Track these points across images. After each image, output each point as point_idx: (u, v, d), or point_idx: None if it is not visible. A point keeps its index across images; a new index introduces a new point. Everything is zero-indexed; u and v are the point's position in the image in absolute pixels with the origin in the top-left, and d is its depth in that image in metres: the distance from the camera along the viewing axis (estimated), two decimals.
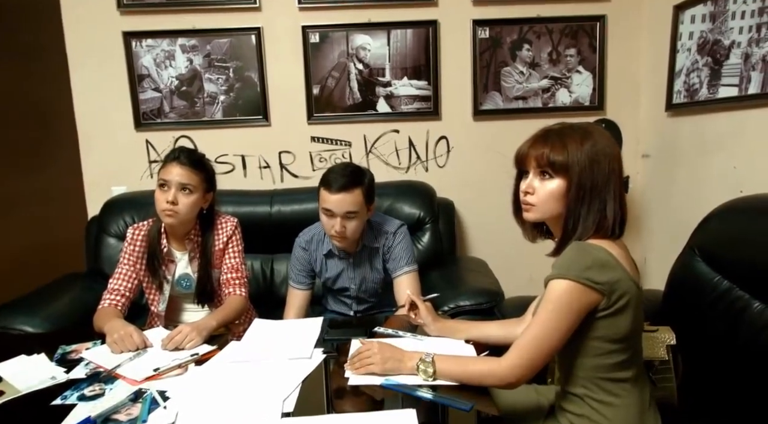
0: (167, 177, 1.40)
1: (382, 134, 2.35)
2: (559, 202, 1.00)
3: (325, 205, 1.51)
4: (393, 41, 2.27)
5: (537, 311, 0.98)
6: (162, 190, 1.41)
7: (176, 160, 1.42)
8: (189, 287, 1.53)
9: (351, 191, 1.50)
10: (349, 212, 1.50)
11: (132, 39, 2.22)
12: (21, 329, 1.61)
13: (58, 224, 2.47)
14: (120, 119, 2.28)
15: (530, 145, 1.04)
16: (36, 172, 2.48)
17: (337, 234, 1.52)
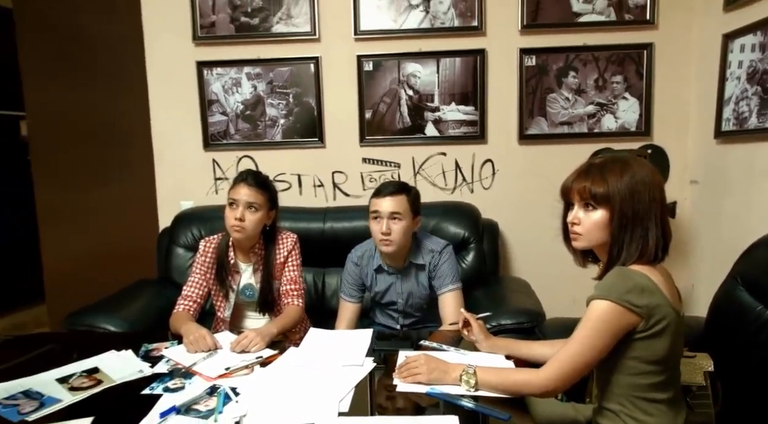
0: (236, 196, 1.57)
1: (429, 156, 2.46)
2: (604, 231, 1.08)
3: (373, 208, 1.68)
4: (442, 69, 2.39)
5: (577, 327, 1.06)
6: (231, 208, 1.58)
7: (244, 182, 1.59)
8: (252, 296, 1.69)
9: (396, 196, 1.66)
10: (394, 213, 1.64)
11: (204, 68, 2.44)
12: (105, 328, 1.80)
13: (132, 233, 2.72)
14: (190, 140, 2.51)
15: (574, 179, 1.12)
16: (115, 185, 2.76)
17: (384, 236, 1.64)
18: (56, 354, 1.53)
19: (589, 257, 1.20)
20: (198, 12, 2.40)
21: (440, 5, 2.34)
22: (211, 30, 2.41)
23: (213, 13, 2.40)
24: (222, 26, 2.41)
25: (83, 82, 2.70)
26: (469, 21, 2.34)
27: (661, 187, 1.09)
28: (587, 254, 1.19)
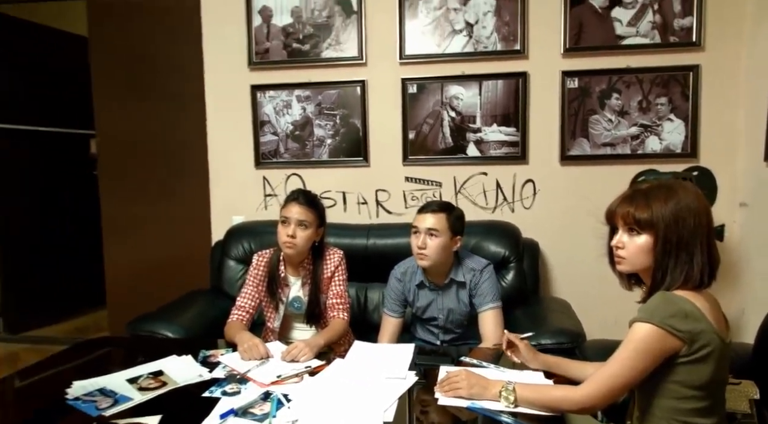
0: (288, 214, 1.68)
1: (471, 176, 2.52)
2: (648, 256, 1.11)
3: (413, 224, 1.76)
4: (484, 91, 2.45)
5: (618, 348, 1.09)
6: (284, 225, 1.69)
7: (295, 200, 1.70)
8: (300, 308, 1.79)
9: (437, 214, 1.73)
10: (431, 229, 1.71)
11: (257, 91, 2.60)
12: (164, 334, 1.94)
13: (186, 245, 2.89)
14: (243, 158, 2.66)
15: (618, 204, 1.16)
16: (172, 199, 2.94)
17: (419, 250, 1.71)
18: (124, 356, 1.67)
19: (634, 280, 1.22)
20: (254, 40, 2.56)
21: (483, 30, 2.41)
22: (265, 56, 2.57)
23: (267, 40, 2.56)
24: (275, 52, 2.56)
25: (147, 104, 2.91)
26: (511, 45, 2.40)
27: (708, 213, 1.10)
28: (632, 278, 1.21)
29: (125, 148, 2.99)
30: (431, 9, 2.43)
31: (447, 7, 2.42)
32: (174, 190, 2.94)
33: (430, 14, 2.43)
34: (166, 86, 2.87)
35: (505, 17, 2.39)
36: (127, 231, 3.03)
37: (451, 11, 2.42)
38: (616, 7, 2.32)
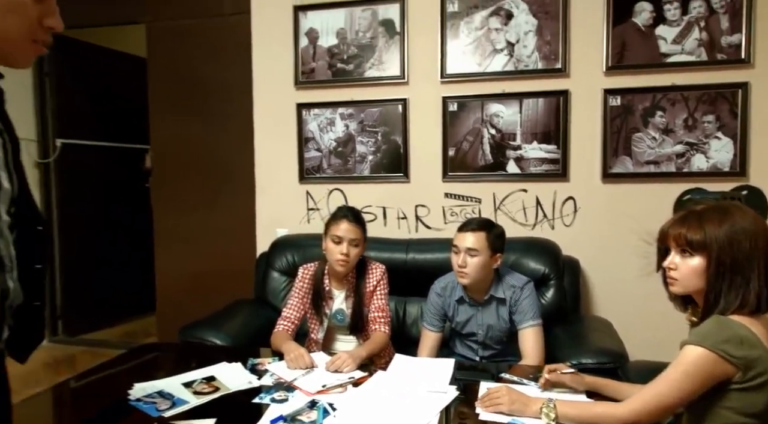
0: (341, 234, 1.75)
1: (510, 193, 2.54)
2: (700, 278, 1.10)
3: (454, 243, 1.79)
4: (525, 109, 2.47)
5: (667, 368, 1.08)
6: (335, 243, 1.75)
7: (345, 218, 1.76)
8: (342, 320, 1.85)
9: (477, 233, 1.76)
10: (470, 249, 1.74)
11: (303, 109, 2.71)
12: (212, 341, 2.03)
13: (232, 256, 3.01)
14: (288, 173, 2.77)
15: (671, 225, 1.16)
16: (220, 212, 3.07)
17: (460, 268, 1.74)
18: (177, 361, 1.77)
19: (689, 302, 1.20)
20: (300, 60, 2.68)
21: (524, 49, 2.44)
22: (310, 76, 2.68)
23: (313, 61, 2.67)
24: (320, 72, 2.67)
25: (198, 121, 3.07)
26: (552, 63, 2.42)
27: (766, 236, 1.08)
28: (687, 300, 1.20)
29: (177, 163, 3.15)
30: (472, 29, 2.48)
31: (488, 27, 2.47)
32: (221, 202, 3.08)
33: (471, 34, 2.49)
34: (217, 104, 3.03)
35: (546, 37, 2.41)
36: (176, 241, 3.19)
37: (492, 31, 2.46)
38: (660, 25, 2.31)
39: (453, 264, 1.79)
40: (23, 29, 0.81)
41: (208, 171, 3.10)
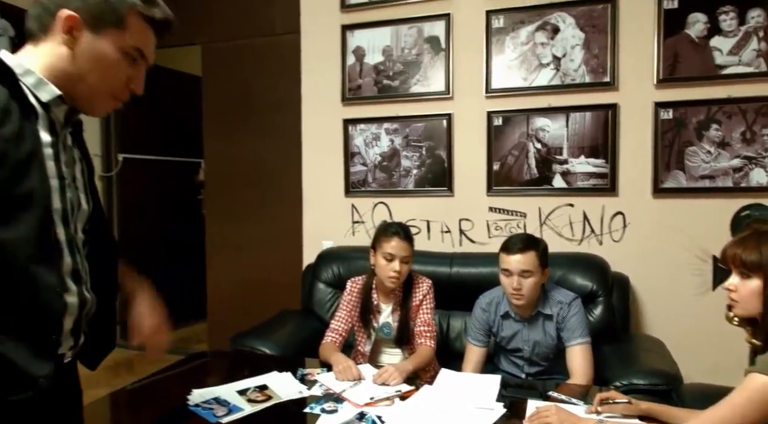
0: (394, 252, 1.78)
1: (556, 207, 2.51)
2: (759, 301, 1.08)
3: (503, 266, 1.76)
4: (571, 123, 2.45)
5: (731, 393, 1.06)
6: (387, 261, 1.79)
7: (397, 235, 1.80)
8: (389, 334, 1.88)
9: (526, 253, 1.73)
10: (525, 271, 1.72)
11: (349, 124, 2.78)
12: (262, 350, 2.10)
13: (279, 266, 3.11)
14: (334, 186, 2.84)
15: (730, 246, 1.14)
16: (268, 223, 3.18)
17: (515, 291, 1.73)
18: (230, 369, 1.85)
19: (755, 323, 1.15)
20: (347, 77, 2.76)
21: (571, 63, 2.43)
22: (357, 92, 2.75)
23: (360, 78, 2.74)
24: (367, 88, 2.73)
25: (249, 136, 3.21)
26: (600, 77, 2.39)
27: None
28: (753, 321, 1.16)
29: (228, 175, 3.29)
30: (518, 44, 2.49)
31: (534, 42, 2.47)
32: (270, 214, 3.19)
33: (517, 49, 2.49)
34: (267, 119, 3.15)
35: (593, 50, 2.39)
36: (227, 251, 3.32)
37: (538, 46, 2.46)
38: (715, 36, 2.25)
39: (505, 287, 1.77)
40: (113, 86, 0.91)
41: (257, 184, 3.22)
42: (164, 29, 0.94)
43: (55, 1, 0.85)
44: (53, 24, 0.85)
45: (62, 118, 0.90)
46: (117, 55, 0.88)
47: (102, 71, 0.88)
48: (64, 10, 0.84)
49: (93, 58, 0.87)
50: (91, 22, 0.86)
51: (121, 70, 0.90)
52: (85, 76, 0.87)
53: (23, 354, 0.79)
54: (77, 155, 0.96)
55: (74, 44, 0.86)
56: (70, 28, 0.85)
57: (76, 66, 0.86)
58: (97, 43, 0.87)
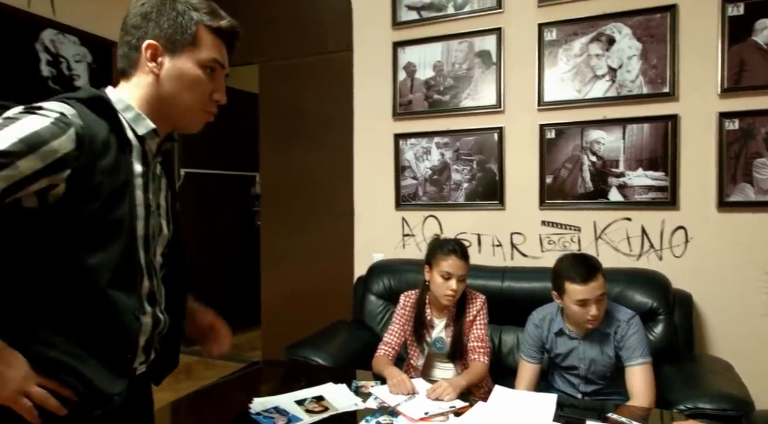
0: (450, 270, 1.79)
1: (612, 221, 2.44)
2: None
3: (579, 297, 1.68)
4: (628, 135, 2.39)
5: None
6: (444, 279, 1.80)
7: (455, 254, 1.80)
8: (442, 348, 1.89)
9: (596, 276, 1.68)
10: (602, 295, 1.68)
11: (400, 139, 2.82)
12: (316, 360, 2.15)
13: (331, 277, 3.18)
14: (385, 200, 2.88)
15: None
16: (321, 235, 3.26)
17: (594, 318, 1.69)
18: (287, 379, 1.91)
19: None
20: (398, 92, 2.81)
21: (628, 74, 2.37)
22: (408, 107, 2.80)
23: (411, 93, 2.78)
24: (417, 103, 2.77)
25: (303, 150, 3.31)
26: (659, 88, 2.32)
27: None
28: None
29: (283, 188, 3.41)
30: (571, 56, 2.46)
31: (588, 53, 2.43)
32: (322, 226, 3.27)
33: (570, 61, 2.46)
34: (320, 134, 3.25)
35: (651, 60, 2.33)
36: (280, 261, 3.43)
37: (593, 57, 2.42)
38: None
39: (579, 316, 1.71)
40: (201, 101, 0.98)
41: (310, 196, 3.32)
42: (232, 37, 1.00)
43: (136, 35, 0.93)
44: (138, 57, 0.93)
45: (155, 149, 0.97)
46: (197, 70, 0.95)
47: (188, 89, 0.95)
48: (145, 41, 0.92)
49: (177, 78, 0.94)
50: (168, 46, 0.93)
51: (203, 83, 0.96)
52: (175, 97, 0.95)
53: (100, 373, 0.84)
54: (164, 183, 1.04)
55: (160, 70, 0.93)
56: (153, 56, 0.92)
57: (165, 89, 0.94)
58: (178, 64, 0.94)
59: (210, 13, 0.96)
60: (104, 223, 0.83)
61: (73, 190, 0.78)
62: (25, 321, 0.78)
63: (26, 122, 0.75)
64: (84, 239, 0.81)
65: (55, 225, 0.79)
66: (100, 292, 0.83)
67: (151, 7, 0.93)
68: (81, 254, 0.81)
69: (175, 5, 0.93)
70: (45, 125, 0.75)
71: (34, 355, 0.77)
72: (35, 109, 0.78)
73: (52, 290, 0.80)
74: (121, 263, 0.86)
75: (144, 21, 0.93)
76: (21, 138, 0.72)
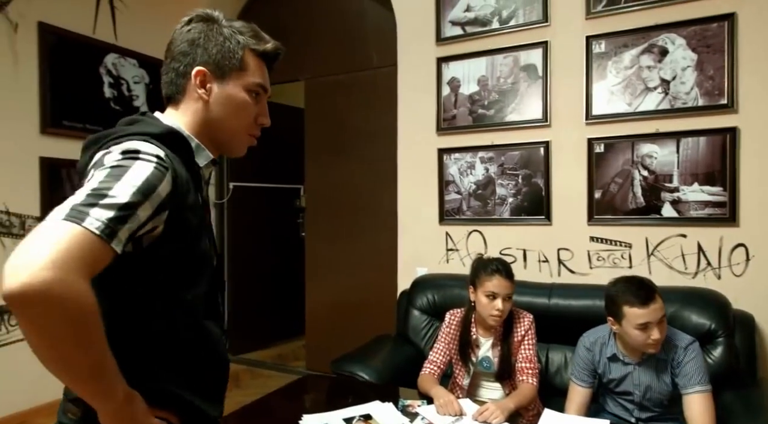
0: (496, 290, 1.78)
1: (666, 238, 2.36)
2: None
3: (641, 321, 1.61)
4: (683, 149, 2.31)
5: None
6: (490, 299, 1.79)
7: (499, 274, 1.79)
8: (489, 368, 1.87)
9: (655, 298, 1.63)
10: (663, 316, 1.63)
11: (444, 153, 2.83)
12: (361, 376, 2.17)
13: (374, 289, 3.21)
14: (428, 214, 2.89)
15: None
16: (364, 247, 3.30)
17: (656, 342, 1.62)
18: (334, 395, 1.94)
19: None
20: (442, 108, 2.81)
21: (682, 86, 2.29)
22: (452, 122, 2.80)
23: (455, 108, 2.79)
24: (461, 118, 2.77)
25: (346, 163, 3.37)
26: (716, 99, 2.23)
27: None
28: None
29: (327, 201, 3.47)
30: (621, 69, 2.40)
31: (639, 65, 2.37)
32: (365, 239, 3.31)
33: (620, 74, 2.40)
34: (364, 148, 3.30)
35: (708, 71, 2.24)
36: (324, 272, 3.49)
37: (644, 69, 2.36)
38: None
39: (639, 340, 1.65)
40: (247, 125, 0.98)
41: (353, 209, 3.37)
42: (275, 59, 1.00)
43: (184, 62, 0.93)
44: (187, 83, 0.93)
45: (207, 176, 1.00)
46: (244, 94, 0.95)
47: (235, 113, 0.95)
48: (194, 67, 0.92)
49: (225, 103, 0.94)
50: (217, 71, 0.92)
51: (249, 107, 0.96)
52: (224, 122, 0.95)
53: (204, 399, 0.89)
54: None
55: (209, 96, 0.93)
56: (203, 83, 0.92)
57: (214, 115, 0.94)
58: (226, 89, 0.93)
59: (255, 36, 0.96)
60: (194, 258, 0.86)
61: (168, 230, 0.79)
62: (139, 362, 0.81)
63: (136, 170, 0.74)
64: (180, 276, 0.84)
65: (153, 266, 0.80)
66: (199, 324, 0.87)
67: (199, 33, 0.93)
68: (180, 290, 0.84)
69: (222, 30, 0.93)
70: (151, 171, 0.75)
71: (149, 390, 0.80)
72: (136, 154, 0.77)
73: (160, 328, 0.83)
74: (208, 293, 0.89)
75: (192, 47, 0.92)
76: (137, 187, 0.72)
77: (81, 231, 0.65)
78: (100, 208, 0.68)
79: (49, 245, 0.63)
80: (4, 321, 2.66)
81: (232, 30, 0.94)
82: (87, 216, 0.66)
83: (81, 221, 0.65)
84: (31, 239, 0.64)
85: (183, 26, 0.95)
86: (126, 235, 0.70)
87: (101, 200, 0.68)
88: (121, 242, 0.69)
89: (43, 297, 0.60)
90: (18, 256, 0.62)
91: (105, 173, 0.73)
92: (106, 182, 0.71)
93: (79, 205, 0.67)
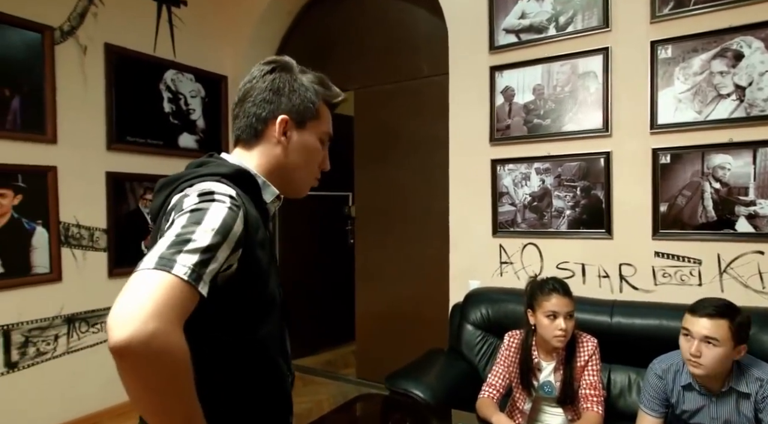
0: (556, 309, 1.74)
1: (740, 255, 2.21)
2: None
3: (685, 325, 1.59)
4: (760, 160, 2.15)
5: None
6: (551, 320, 1.74)
7: (556, 292, 1.74)
8: (550, 392, 1.81)
9: (715, 319, 1.54)
10: (708, 338, 1.53)
11: (497, 164, 2.76)
12: (414, 393, 2.15)
13: (425, 300, 3.19)
14: (481, 226, 2.83)
15: None
16: (413, 255, 3.28)
17: (693, 357, 1.55)
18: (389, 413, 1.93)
19: None
20: (496, 117, 2.75)
21: (759, 92, 2.14)
22: (506, 132, 2.73)
23: (509, 118, 2.72)
24: (516, 128, 2.70)
25: (397, 172, 3.36)
26: None
27: None
28: None
29: (377, 208, 3.47)
30: (690, 75, 2.27)
31: (710, 71, 2.23)
32: (415, 249, 3.28)
33: (688, 80, 2.27)
34: (414, 157, 3.28)
35: None
36: (374, 280, 3.49)
37: (716, 75, 2.21)
38: None
39: (682, 350, 1.61)
40: (314, 170, 1.04)
41: (403, 218, 3.35)
42: (337, 107, 1.06)
43: (267, 109, 0.97)
44: (267, 129, 0.97)
45: (272, 211, 1.01)
46: (317, 142, 1.00)
47: (310, 160, 1.01)
48: (278, 115, 0.96)
49: (302, 150, 0.99)
50: (298, 120, 0.97)
51: (320, 154, 1.02)
52: (298, 167, 0.99)
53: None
54: None
55: (288, 142, 0.97)
56: (284, 130, 0.97)
57: (290, 160, 0.98)
58: (304, 137, 0.98)
59: (327, 87, 1.02)
60: (266, 295, 0.88)
61: (241, 268, 0.80)
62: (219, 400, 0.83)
63: (213, 212, 0.76)
64: (254, 313, 0.86)
65: (228, 305, 0.81)
66: (271, 361, 0.89)
67: (283, 83, 0.97)
68: (254, 328, 0.86)
69: (302, 80, 0.98)
70: (226, 212, 0.77)
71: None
72: (212, 195, 0.79)
73: (239, 367, 0.85)
74: (278, 331, 0.91)
75: (276, 96, 0.97)
76: (216, 230, 0.74)
77: (172, 279, 0.67)
78: (185, 253, 0.70)
79: (147, 295, 0.65)
80: (75, 329, 2.81)
81: (309, 81, 0.99)
82: (175, 263, 0.68)
83: (170, 269, 0.68)
84: (130, 290, 0.66)
85: (266, 74, 0.98)
86: (210, 277, 0.72)
87: (185, 246, 0.71)
88: (206, 285, 0.71)
89: (146, 348, 0.63)
90: (122, 307, 0.64)
91: (185, 218, 0.75)
92: (187, 227, 0.73)
93: (166, 252, 0.70)
